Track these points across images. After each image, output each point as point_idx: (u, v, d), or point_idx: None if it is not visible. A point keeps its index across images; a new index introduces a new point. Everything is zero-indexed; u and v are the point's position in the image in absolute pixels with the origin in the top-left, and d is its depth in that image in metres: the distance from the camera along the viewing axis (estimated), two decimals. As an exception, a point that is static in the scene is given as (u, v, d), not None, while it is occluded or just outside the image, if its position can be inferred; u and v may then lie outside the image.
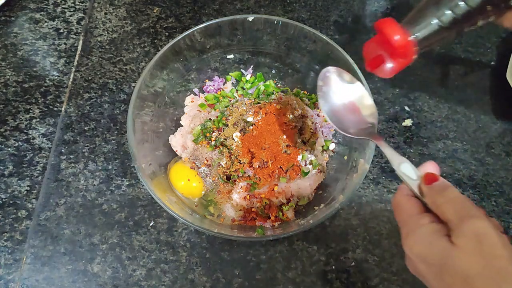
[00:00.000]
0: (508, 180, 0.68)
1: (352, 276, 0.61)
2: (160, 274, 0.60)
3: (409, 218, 0.38)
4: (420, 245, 0.35)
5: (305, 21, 0.67)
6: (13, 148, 0.68)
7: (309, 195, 0.64)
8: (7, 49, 0.76)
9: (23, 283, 0.59)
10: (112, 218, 0.63)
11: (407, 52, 0.43)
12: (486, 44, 0.81)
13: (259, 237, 0.56)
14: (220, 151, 0.62)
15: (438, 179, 0.39)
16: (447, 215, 0.36)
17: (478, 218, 0.34)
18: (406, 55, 0.44)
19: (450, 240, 0.34)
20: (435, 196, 0.37)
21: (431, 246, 0.35)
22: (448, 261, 0.33)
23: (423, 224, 0.36)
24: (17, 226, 0.62)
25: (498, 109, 0.74)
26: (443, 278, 0.34)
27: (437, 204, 0.37)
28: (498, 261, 0.32)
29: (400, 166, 0.41)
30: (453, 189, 0.37)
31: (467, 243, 0.33)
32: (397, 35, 0.42)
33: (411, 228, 0.37)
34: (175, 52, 0.64)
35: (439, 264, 0.34)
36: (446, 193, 0.37)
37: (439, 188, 0.37)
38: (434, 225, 0.36)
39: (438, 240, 0.34)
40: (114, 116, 0.71)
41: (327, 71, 0.51)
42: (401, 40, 0.42)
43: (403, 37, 0.42)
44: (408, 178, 0.40)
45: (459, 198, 0.36)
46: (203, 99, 0.69)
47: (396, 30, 0.42)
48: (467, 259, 0.32)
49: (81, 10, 0.81)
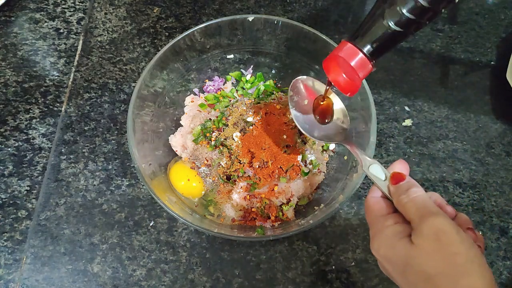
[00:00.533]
0: (508, 180, 0.68)
1: (352, 276, 0.61)
2: (160, 274, 0.60)
3: (376, 220, 0.39)
4: (384, 247, 0.36)
5: (305, 21, 0.67)
6: (13, 148, 0.68)
7: (309, 195, 0.64)
8: (7, 49, 0.76)
9: (23, 283, 0.59)
10: (112, 218, 0.63)
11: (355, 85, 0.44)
12: (486, 44, 0.81)
13: (259, 237, 0.56)
14: (220, 151, 0.62)
15: (405, 178, 0.39)
16: (409, 214, 0.36)
17: (437, 215, 0.34)
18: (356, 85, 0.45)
19: (411, 241, 0.35)
20: (400, 195, 0.38)
21: (393, 247, 0.36)
22: (409, 261, 0.34)
23: (387, 226, 0.37)
24: (17, 226, 0.62)
25: (498, 109, 0.74)
26: (407, 278, 0.34)
27: (402, 203, 0.37)
28: (455, 258, 0.32)
29: (370, 167, 0.42)
30: (417, 188, 0.38)
31: (426, 242, 0.34)
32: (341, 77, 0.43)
33: (377, 229, 0.38)
34: (175, 52, 0.64)
35: (402, 264, 0.35)
36: (409, 192, 0.37)
37: (404, 188, 0.38)
38: (397, 227, 0.37)
39: (400, 241, 0.35)
40: (114, 116, 0.71)
41: (297, 81, 0.54)
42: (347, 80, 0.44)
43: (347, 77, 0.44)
44: (377, 179, 0.41)
45: (421, 197, 0.37)
46: (203, 99, 0.69)
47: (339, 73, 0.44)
48: (426, 258, 0.33)
49: (81, 10, 0.81)
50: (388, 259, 0.36)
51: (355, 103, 0.61)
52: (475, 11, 0.84)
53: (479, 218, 0.65)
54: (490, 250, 0.63)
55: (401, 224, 0.37)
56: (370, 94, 0.58)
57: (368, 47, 0.42)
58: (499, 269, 0.62)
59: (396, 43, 0.43)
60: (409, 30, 0.41)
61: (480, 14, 0.84)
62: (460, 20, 0.83)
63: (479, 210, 0.66)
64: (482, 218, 0.65)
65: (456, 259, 0.32)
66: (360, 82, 0.45)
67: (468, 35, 0.81)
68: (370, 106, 0.58)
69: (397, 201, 0.38)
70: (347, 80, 0.44)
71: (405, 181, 0.39)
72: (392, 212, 0.39)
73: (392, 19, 0.39)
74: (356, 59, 0.42)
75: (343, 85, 0.45)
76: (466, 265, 0.32)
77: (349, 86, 0.45)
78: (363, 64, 0.43)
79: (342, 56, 0.43)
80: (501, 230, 0.64)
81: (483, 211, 0.66)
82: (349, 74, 0.44)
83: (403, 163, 0.41)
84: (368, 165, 0.43)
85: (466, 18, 0.83)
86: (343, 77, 0.44)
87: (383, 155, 0.70)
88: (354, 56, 0.43)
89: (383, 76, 0.77)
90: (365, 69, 0.44)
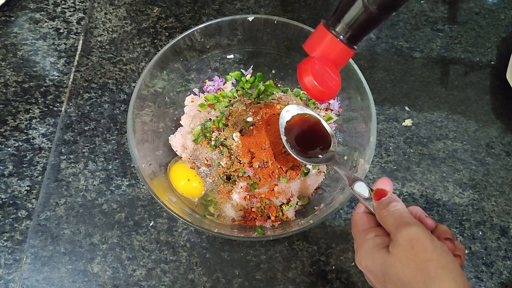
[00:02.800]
0: (508, 180, 0.68)
1: (352, 276, 0.61)
2: (160, 274, 0.60)
3: (359, 234, 0.41)
4: (365, 259, 0.38)
5: (305, 21, 0.67)
6: (13, 148, 0.68)
7: (309, 195, 0.64)
8: (7, 49, 0.76)
9: (23, 283, 0.59)
10: (112, 218, 0.63)
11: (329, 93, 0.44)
12: (486, 44, 0.81)
13: (259, 237, 0.56)
14: (220, 151, 0.62)
15: (386, 194, 0.41)
16: (388, 226, 0.38)
17: (411, 225, 0.36)
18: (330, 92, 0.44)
19: (388, 251, 0.36)
20: (381, 210, 0.40)
21: (373, 259, 0.37)
22: (387, 270, 0.36)
23: (368, 239, 0.39)
24: (17, 226, 0.62)
25: (498, 109, 0.74)
26: (386, 286, 0.36)
27: (382, 217, 0.39)
28: (427, 265, 0.34)
29: (355, 185, 0.45)
30: (396, 202, 0.40)
31: (400, 250, 0.35)
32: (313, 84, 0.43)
33: (359, 243, 0.40)
34: (175, 52, 0.64)
35: (382, 274, 0.36)
36: (389, 206, 0.39)
37: (385, 202, 0.40)
38: (376, 239, 0.39)
39: (378, 252, 0.37)
40: (114, 116, 0.71)
41: (287, 109, 0.58)
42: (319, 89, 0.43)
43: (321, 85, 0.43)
44: (361, 196, 0.44)
45: (399, 210, 0.39)
46: (203, 99, 0.69)
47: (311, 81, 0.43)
48: (401, 266, 0.35)
49: (81, 10, 0.81)
50: (369, 270, 0.38)
51: (355, 103, 0.61)
52: (475, 11, 0.84)
53: (479, 218, 0.65)
54: (490, 250, 0.63)
55: (381, 237, 0.39)
56: (370, 94, 0.58)
57: (347, 32, 0.41)
58: (499, 269, 0.62)
59: (375, 25, 0.42)
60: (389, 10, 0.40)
61: (480, 14, 0.84)
62: (460, 20, 0.83)
63: (479, 210, 0.66)
64: (482, 218, 0.65)
65: (428, 265, 0.34)
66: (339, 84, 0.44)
67: (468, 35, 0.81)
68: (370, 106, 0.58)
69: (379, 216, 0.40)
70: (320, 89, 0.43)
71: (387, 197, 0.41)
72: (374, 226, 0.41)
73: None
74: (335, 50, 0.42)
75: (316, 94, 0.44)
76: (437, 270, 0.33)
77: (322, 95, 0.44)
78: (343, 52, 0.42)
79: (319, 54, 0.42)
80: (501, 230, 0.64)
81: (483, 211, 0.66)
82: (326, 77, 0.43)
83: (386, 180, 0.43)
84: (353, 182, 0.45)
85: (466, 18, 0.83)
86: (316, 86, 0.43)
87: (383, 155, 0.70)
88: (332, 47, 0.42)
89: (383, 76, 0.77)
90: (345, 57, 0.43)
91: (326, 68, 0.43)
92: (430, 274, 0.33)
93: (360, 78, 0.59)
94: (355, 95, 0.61)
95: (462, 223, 0.65)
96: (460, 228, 0.65)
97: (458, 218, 0.65)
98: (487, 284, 0.61)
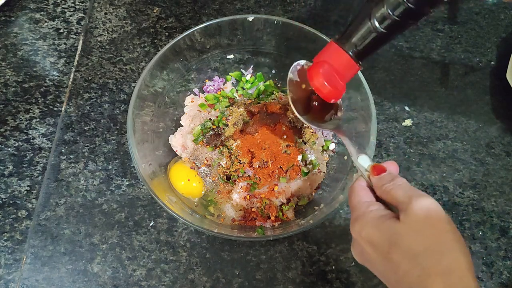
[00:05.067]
0: (508, 180, 0.68)
1: (352, 276, 0.61)
2: (160, 274, 0.60)
3: (360, 204, 0.40)
4: (368, 228, 0.37)
5: (305, 21, 0.67)
6: (13, 148, 0.68)
7: (309, 195, 0.64)
8: (7, 49, 0.76)
9: (23, 283, 0.59)
10: (112, 218, 0.63)
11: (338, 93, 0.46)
12: (486, 44, 0.81)
13: (259, 237, 0.56)
14: (220, 151, 0.62)
15: (385, 171, 0.41)
16: (396, 197, 0.37)
17: (427, 197, 0.35)
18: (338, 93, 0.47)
19: (398, 221, 0.35)
20: (384, 184, 0.39)
21: (379, 227, 0.36)
22: (396, 240, 0.35)
23: (372, 210, 0.38)
24: (17, 226, 0.62)
25: (498, 109, 0.74)
26: (391, 258, 0.35)
27: (387, 190, 0.38)
28: (445, 235, 0.34)
29: (359, 158, 0.44)
30: (401, 178, 0.39)
31: (415, 220, 0.34)
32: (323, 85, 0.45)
33: (360, 212, 0.39)
34: (175, 52, 0.64)
35: (387, 245, 0.35)
36: (394, 181, 0.39)
37: (388, 178, 0.40)
38: (382, 210, 0.38)
39: (385, 222, 0.36)
40: (114, 116, 0.71)
41: (298, 63, 0.53)
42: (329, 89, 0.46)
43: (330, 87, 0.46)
44: (364, 169, 0.43)
45: (407, 184, 0.38)
46: (203, 99, 0.69)
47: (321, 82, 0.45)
48: (415, 235, 0.34)
49: (81, 10, 0.81)
50: (370, 240, 0.37)
51: (355, 103, 0.61)
52: (475, 11, 0.84)
53: (479, 218, 0.65)
54: (490, 250, 0.63)
55: (386, 209, 0.38)
56: (370, 94, 0.58)
57: (354, 49, 0.43)
58: (499, 269, 0.62)
59: (382, 44, 0.44)
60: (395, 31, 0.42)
61: (480, 14, 0.84)
62: (460, 20, 0.83)
63: (479, 210, 0.66)
64: (482, 218, 0.65)
65: (445, 236, 0.33)
66: (344, 88, 0.47)
67: (468, 35, 0.81)
68: (370, 106, 0.58)
69: (382, 190, 0.39)
70: (329, 88, 0.45)
71: (388, 172, 0.40)
72: (375, 200, 0.41)
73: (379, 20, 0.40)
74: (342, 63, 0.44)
75: (326, 93, 0.46)
76: (452, 243, 0.33)
77: (332, 94, 0.46)
78: (350, 66, 0.45)
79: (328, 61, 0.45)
80: (501, 230, 0.64)
81: (483, 211, 0.66)
82: (333, 80, 0.46)
83: (391, 163, 0.42)
84: (357, 155, 0.44)
85: (466, 18, 0.83)
86: (326, 86, 0.45)
87: (383, 155, 0.70)
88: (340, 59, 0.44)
89: (383, 76, 0.77)
90: (351, 71, 0.46)
91: (334, 73, 0.46)
92: (446, 245, 0.33)
93: (360, 78, 0.59)
94: (355, 95, 0.61)
95: (462, 223, 0.65)
96: (460, 228, 0.64)
97: (458, 218, 0.65)
98: (487, 284, 0.61)
